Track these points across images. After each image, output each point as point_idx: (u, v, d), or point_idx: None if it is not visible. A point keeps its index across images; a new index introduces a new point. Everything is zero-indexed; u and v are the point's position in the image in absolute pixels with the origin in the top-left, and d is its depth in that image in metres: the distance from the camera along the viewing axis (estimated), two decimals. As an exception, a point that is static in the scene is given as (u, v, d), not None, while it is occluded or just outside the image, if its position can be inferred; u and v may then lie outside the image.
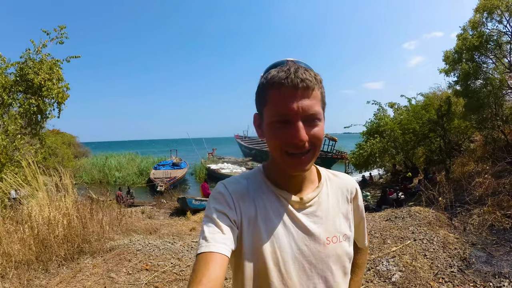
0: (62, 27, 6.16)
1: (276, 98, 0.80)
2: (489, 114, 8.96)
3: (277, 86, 0.79)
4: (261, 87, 0.85)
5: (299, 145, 0.79)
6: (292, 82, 0.77)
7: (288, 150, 0.81)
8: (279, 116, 0.80)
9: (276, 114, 0.80)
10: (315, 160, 0.86)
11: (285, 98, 0.78)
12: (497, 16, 8.33)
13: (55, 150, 17.49)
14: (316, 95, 0.80)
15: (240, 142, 40.52)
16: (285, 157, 0.82)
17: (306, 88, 0.78)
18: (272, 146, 0.84)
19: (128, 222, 7.05)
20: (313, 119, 0.80)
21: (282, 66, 0.82)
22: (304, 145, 0.79)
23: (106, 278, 3.91)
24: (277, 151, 0.83)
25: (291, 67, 0.80)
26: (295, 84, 0.77)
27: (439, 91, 16.47)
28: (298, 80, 0.77)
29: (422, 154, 15.08)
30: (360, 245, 1.16)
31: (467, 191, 6.86)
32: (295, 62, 0.83)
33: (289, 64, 0.81)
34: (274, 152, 0.84)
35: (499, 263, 3.84)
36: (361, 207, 1.06)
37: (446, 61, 9.90)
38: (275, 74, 0.80)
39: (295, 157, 0.81)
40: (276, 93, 0.80)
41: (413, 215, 5.75)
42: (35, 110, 5.95)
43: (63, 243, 4.36)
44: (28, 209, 4.52)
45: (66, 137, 28.85)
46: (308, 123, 0.79)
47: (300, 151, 0.80)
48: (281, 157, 0.83)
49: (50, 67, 5.99)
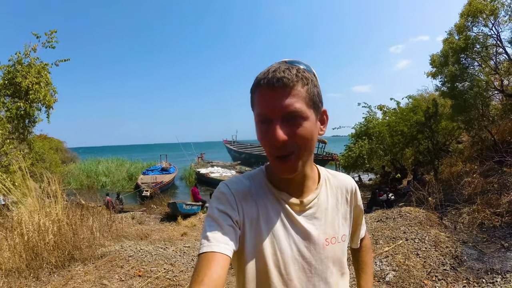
0: (53, 31, 6.10)
1: (257, 99, 0.81)
2: (476, 115, 9.12)
3: (257, 88, 0.81)
4: (250, 90, 0.85)
5: (277, 146, 0.78)
6: (269, 82, 0.77)
7: (273, 153, 0.80)
8: (259, 116, 0.81)
9: (257, 115, 0.81)
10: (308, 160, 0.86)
11: (263, 98, 0.79)
12: (482, 20, 8.51)
13: (42, 156, 17.19)
14: (297, 93, 0.78)
15: (229, 146, 40.46)
16: (273, 160, 0.82)
17: (284, 86, 0.76)
18: (263, 148, 0.84)
19: (118, 228, 6.98)
20: (294, 118, 0.78)
21: (268, 67, 0.82)
22: (283, 146, 0.78)
23: (99, 285, 3.84)
24: (268, 153, 0.83)
25: (272, 68, 0.80)
26: (271, 83, 0.77)
27: (427, 93, 16.73)
28: (274, 80, 0.76)
29: (411, 155, 15.27)
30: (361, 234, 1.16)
31: (456, 190, 6.97)
32: (287, 62, 0.83)
33: (273, 66, 0.81)
34: (266, 154, 0.85)
35: (491, 260, 3.90)
36: (360, 203, 1.07)
37: (433, 65, 10.06)
38: (257, 76, 0.82)
39: (281, 161, 0.80)
40: (257, 94, 0.81)
41: (404, 215, 5.80)
42: (22, 114, 5.86)
43: (53, 250, 4.27)
44: (18, 216, 4.43)
45: (54, 142, 28.30)
46: (289, 122, 0.78)
47: (282, 153, 0.79)
48: (270, 159, 0.84)
49: (38, 71, 5.91)
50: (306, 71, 0.81)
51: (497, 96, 9.62)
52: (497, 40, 8.64)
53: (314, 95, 0.82)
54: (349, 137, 15.61)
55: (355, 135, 15.12)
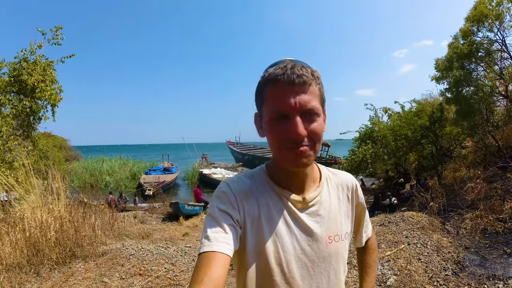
0: (58, 27, 6.12)
1: (273, 95, 0.81)
2: (480, 120, 9.07)
3: (274, 83, 0.80)
4: (259, 86, 0.85)
5: (298, 140, 0.78)
6: (289, 77, 0.78)
7: (287, 145, 0.80)
8: (278, 112, 0.80)
9: (274, 110, 0.81)
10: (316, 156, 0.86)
11: (282, 93, 0.79)
12: (488, 25, 8.48)
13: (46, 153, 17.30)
14: (313, 90, 0.80)
15: (232, 148, 40.50)
16: (284, 152, 0.82)
17: (303, 83, 0.78)
18: (272, 143, 0.84)
19: (120, 227, 6.99)
20: (311, 114, 0.80)
21: (279, 64, 0.83)
22: (302, 140, 0.79)
23: (99, 282, 3.84)
24: (277, 147, 0.83)
25: (288, 64, 0.80)
26: (291, 79, 0.78)
27: (431, 98, 16.66)
28: (294, 76, 0.78)
29: (414, 160, 15.19)
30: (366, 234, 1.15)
31: (459, 196, 6.93)
32: (293, 60, 0.83)
33: (286, 62, 0.82)
34: (274, 148, 0.84)
35: (493, 266, 3.87)
36: (362, 200, 1.06)
37: (437, 69, 10.02)
38: (272, 72, 0.81)
39: (295, 150, 0.80)
40: (273, 89, 0.81)
41: (407, 220, 5.78)
42: (28, 111, 5.89)
43: (55, 247, 4.29)
44: (20, 212, 4.45)
45: (58, 140, 28.47)
46: (306, 118, 0.79)
47: (298, 146, 0.80)
48: (280, 152, 0.83)
49: (44, 69, 5.94)
50: (316, 71, 0.83)
51: (502, 101, 9.55)
52: (502, 45, 8.60)
53: (323, 94, 0.85)
54: (353, 140, 15.55)
55: (359, 138, 15.07)
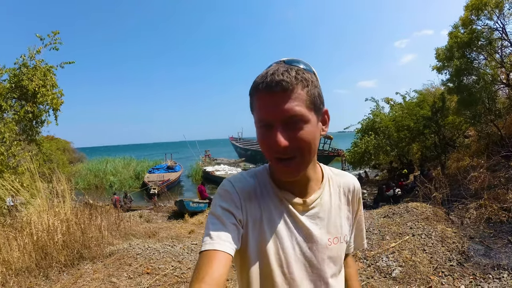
0: (56, 32, 6.14)
1: (256, 104, 0.79)
2: (482, 109, 9.03)
3: (256, 91, 0.79)
4: (249, 93, 0.83)
5: (280, 151, 0.76)
6: (267, 85, 0.75)
7: (274, 154, 0.79)
8: (260, 121, 0.79)
9: (258, 120, 0.80)
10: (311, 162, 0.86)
11: (262, 103, 0.77)
12: (488, 13, 8.42)
13: (50, 156, 17.39)
14: (297, 96, 0.75)
15: (235, 143, 40.49)
16: (275, 163, 0.81)
17: (283, 89, 0.74)
18: (263, 151, 0.83)
19: (126, 227, 7.04)
20: (295, 122, 0.76)
21: (267, 68, 0.80)
22: (285, 151, 0.76)
23: (108, 283, 3.88)
24: (267, 156, 0.82)
25: (270, 70, 0.77)
26: (270, 87, 0.75)
27: (433, 88, 16.58)
28: (273, 84, 0.74)
29: (417, 150, 15.16)
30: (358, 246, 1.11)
31: (463, 185, 6.92)
32: (286, 62, 0.81)
33: (272, 66, 0.80)
34: (266, 156, 0.83)
35: (498, 255, 3.88)
36: (361, 208, 1.04)
37: (438, 58, 9.96)
38: (255, 80, 0.80)
39: (283, 163, 0.79)
40: (256, 98, 0.79)
41: (411, 211, 5.78)
42: (30, 116, 5.93)
43: (62, 249, 4.33)
44: (27, 216, 4.49)
45: (61, 143, 28.59)
46: (290, 127, 0.76)
47: (284, 157, 0.78)
48: (271, 161, 0.82)
49: (44, 73, 5.97)
50: (305, 72, 0.79)
51: (504, 90, 9.50)
52: (503, 33, 8.54)
53: (315, 96, 0.79)
54: (355, 132, 15.52)
55: (361, 130, 15.02)
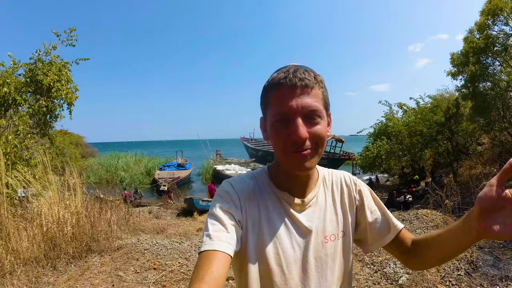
0: (72, 29, 6.24)
1: (276, 98, 0.82)
2: (496, 116, 8.87)
3: (276, 87, 0.82)
4: (264, 90, 0.87)
5: (299, 143, 0.79)
6: (291, 81, 0.80)
7: (290, 149, 0.81)
8: (280, 114, 0.81)
9: (277, 113, 0.82)
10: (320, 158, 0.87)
11: (284, 96, 0.80)
12: (504, 19, 8.27)
13: (62, 150, 17.68)
14: (316, 93, 0.82)
15: (247, 144, 40.60)
16: (288, 155, 0.83)
17: (305, 86, 0.80)
18: (275, 146, 0.85)
19: (135, 222, 7.09)
20: (314, 117, 0.81)
21: (283, 69, 0.85)
22: (304, 143, 0.79)
23: (114, 276, 3.93)
24: (280, 150, 0.83)
25: (290, 69, 0.82)
26: (293, 82, 0.79)
27: (447, 93, 16.35)
28: (296, 79, 0.79)
29: (430, 156, 14.95)
30: (397, 228, 0.98)
31: (474, 194, 6.80)
32: (297, 65, 0.85)
33: (289, 67, 0.84)
34: (277, 152, 0.85)
35: (506, 267, 3.80)
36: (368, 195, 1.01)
37: (453, 64, 9.82)
38: (275, 76, 0.84)
39: (301, 155, 0.81)
40: (276, 93, 0.82)
41: (421, 217, 5.71)
42: (44, 110, 6.03)
43: (71, 241, 4.39)
44: (38, 207, 4.57)
45: (74, 137, 29.08)
46: (308, 121, 0.80)
47: (301, 150, 0.80)
48: (284, 156, 0.83)
49: (59, 69, 6.07)
50: (319, 76, 0.85)
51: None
52: (519, 39, 8.37)
53: (327, 98, 0.86)
54: (367, 136, 15.39)
55: (374, 134, 14.89)
